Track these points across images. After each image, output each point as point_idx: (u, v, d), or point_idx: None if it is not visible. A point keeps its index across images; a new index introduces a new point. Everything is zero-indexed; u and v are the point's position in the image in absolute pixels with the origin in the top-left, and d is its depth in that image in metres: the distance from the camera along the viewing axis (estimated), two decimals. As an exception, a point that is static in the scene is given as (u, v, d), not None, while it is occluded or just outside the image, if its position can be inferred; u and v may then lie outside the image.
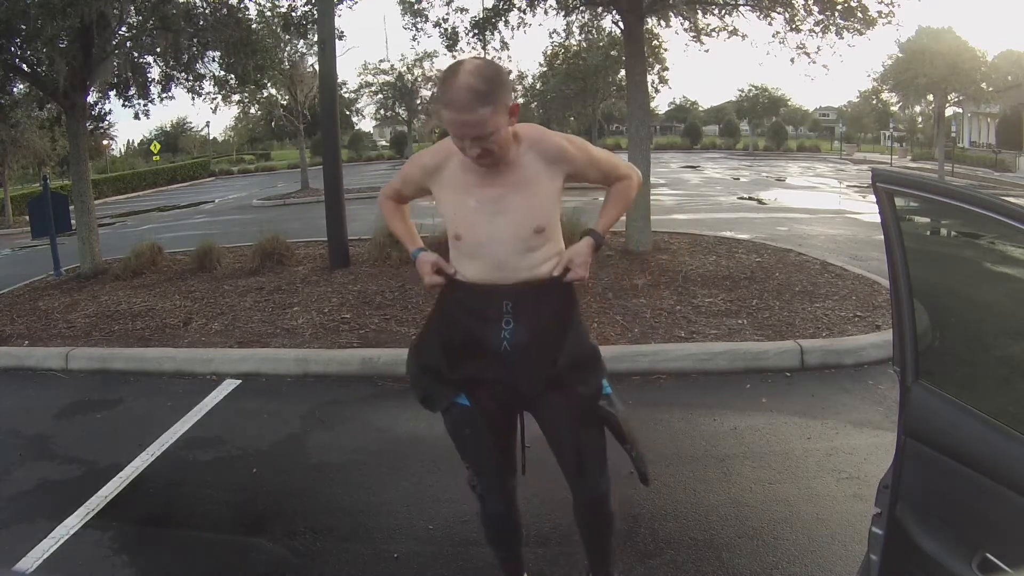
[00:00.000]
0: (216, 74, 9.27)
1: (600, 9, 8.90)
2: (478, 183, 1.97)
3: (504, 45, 8.91)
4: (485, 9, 8.67)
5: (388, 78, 34.30)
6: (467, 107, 1.79)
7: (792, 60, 8.37)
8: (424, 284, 2.09)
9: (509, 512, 2.23)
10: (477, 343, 2.03)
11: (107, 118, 10.31)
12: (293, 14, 8.75)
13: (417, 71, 33.62)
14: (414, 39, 9.05)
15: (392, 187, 2.26)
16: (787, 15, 7.90)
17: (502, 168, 1.94)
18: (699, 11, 8.62)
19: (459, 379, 2.07)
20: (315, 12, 8.15)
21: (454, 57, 9.00)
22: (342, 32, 9.93)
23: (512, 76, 28.02)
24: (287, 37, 12.07)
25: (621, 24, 7.97)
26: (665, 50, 17.30)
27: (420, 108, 35.49)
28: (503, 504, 2.20)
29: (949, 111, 28.20)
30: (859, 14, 7.50)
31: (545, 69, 22.43)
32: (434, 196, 2.09)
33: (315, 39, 9.02)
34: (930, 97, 26.17)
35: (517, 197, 1.96)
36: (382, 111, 36.93)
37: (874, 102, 37.67)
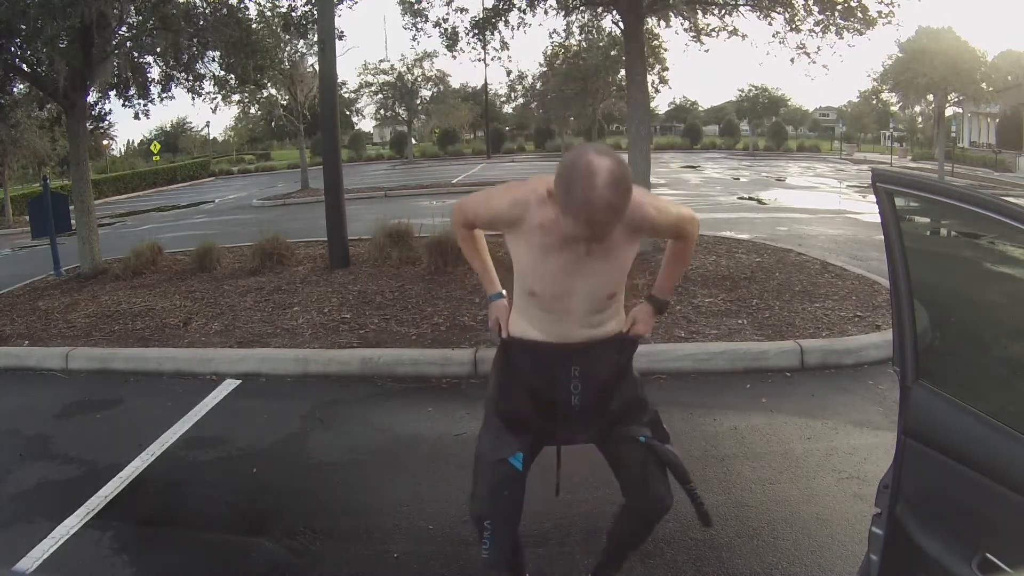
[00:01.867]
0: (216, 74, 9.27)
1: (600, 9, 8.89)
2: (559, 245, 1.90)
3: (504, 45, 8.90)
4: (485, 9, 8.67)
5: (388, 78, 34.34)
6: (608, 224, 1.73)
7: (792, 60, 8.36)
8: (492, 320, 2.19)
9: (510, 557, 2.23)
10: (546, 406, 2.09)
11: (107, 118, 10.31)
12: (293, 14, 8.74)
13: (417, 71, 33.69)
14: (414, 39, 9.03)
15: (464, 218, 2.16)
16: (787, 15, 7.89)
17: None
18: (699, 11, 8.61)
19: (525, 437, 2.08)
20: (315, 12, 8.15)
21: (454, 57, 9.00)
22: (342, 32, 9.92)
23: (512, 76, 28.06)
24: (287, 37, 12.03)
25: (621, 24, 7.96)
26: (665, 50, 17.30)
27: (420, 108, 35.53)
28: (509, 552, 2.18)
29: (949, 111, 28.17)
30: (859, 14, 7.49)
31: (545, 69, 22.42)
32: (507, 242, 2.03)
33: (315, 39, 9.02)
34: (930, 97, 26.15)
35: (597, 263, 1.94)
36: (382, 111, 36.97)
37: (874, 102, 37.69)
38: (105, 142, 39.26)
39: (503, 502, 2.03)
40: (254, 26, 8.70)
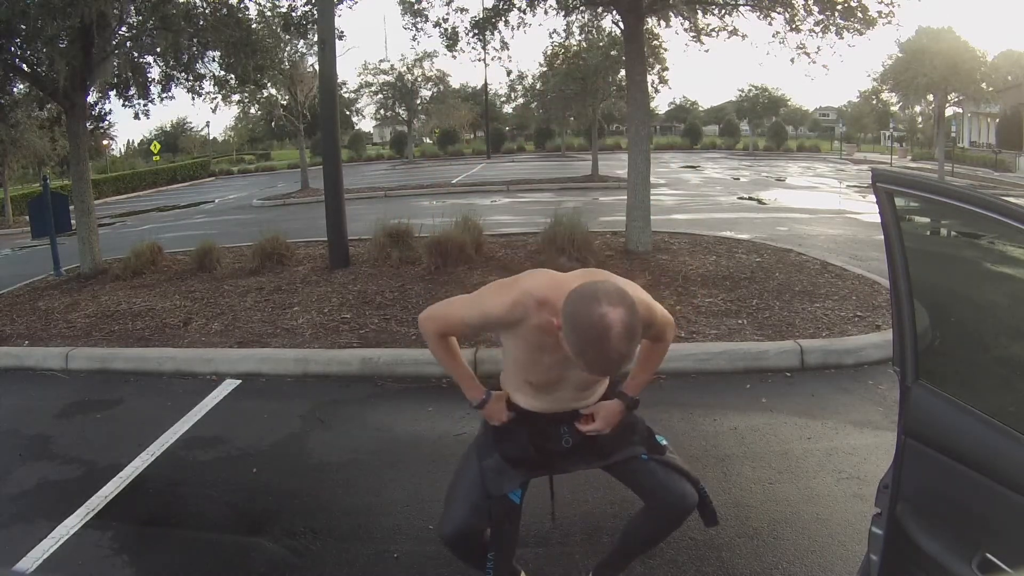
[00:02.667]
0: (216, 74, 9.26)
1: (600, 9, 8.90)
2: (554, 345, 1.86)
3: (504, 45, 8.92)
4: (485, 9, 8.68)
5: (388, 78, 34.33)
6: (617, 370, 1.74)
7: (792, 60, 8.38)
8: (493, 421, 2.15)
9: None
10: (541, 446, 2.16)
11: (107, 118, 10.29)
12: (293, 14, 8.74)
13: (417, 71, 33.68)
14: (414, 39, 9.05)
15: (442, 327, 2.08)
16: (787, 15, 7.90)
17: None
18: (699, 11, 8.61)
19: (519, 472, 2.14)
20: (315, 12, 8.15)
21: (454, 57, 9.01)
22: (342, 32, 9.94)
23: (512, 76, 28.00)
24: (287, 37, 12.04)
25: (621, 24, 7.97)
26: (665, 50, 17.25)
27: (420, 108, 35.52)
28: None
29: (949, 111, 28.15)
30: (859, 14, 7.49)
31: (545, 69, 22.39)
32: (501, 337, 2.07)
33: (315, 39, 9.02)
34: (930, 97, 26.14)
35: None
36: (382, 111, 36.96)
37: (874, 102, 37.62)
38: (105, 142, 39.23)
39: (505, 535, 2.14)
40: (254, 26, 8.70)
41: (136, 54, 8.70)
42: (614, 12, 8.17)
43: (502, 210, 14.44)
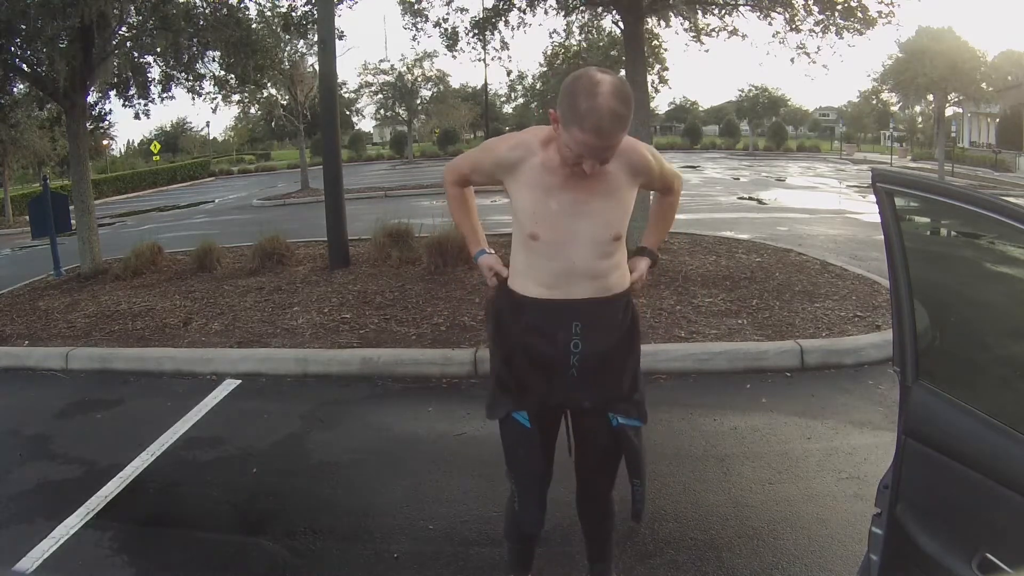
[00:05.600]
0: (216, 74, 9.29)
1: (600, 9, 8.90)
2: (561, 185, 1.89)
3: (504, 45, 8.93)
4: (485, 9, 8.69)
5: (388, 78, 34.39)
6: (612, 134, 1.74)
7: (792, 60, 8.39)
8: (487, 273, 2.14)
9: (540, 517, 2.19)
10: (544, 367, 2.02)
11: (107, 118, 10.33)
12: (293, 14, 8.76)
13: (417, 71, 33.73)
14: (414, 39, 9.06)
15: (458, 171, 2.16)
16: (787, 15, 7.90)
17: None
18: (699, 11, 8.61)
19: (523, 397, 2.06)
20: (315, 12, 8.15)
21: (454, 57, 9.01)
22: (342, 32, 9.95)
23: (512, 76, 28.04)
24: (287, 37, 12.06)
25: (621, 24, 7.97)
26: (665, 50, 17.32)
27: (420, 108, 35.54)
28: (538, 512, 2.16)
29: (949, 111, 28.19)
30: (859, 14, 7.49)
31: (545, 69, 22.39)
32: (508, 190, 2.00)
33: (315, 39, 9.03)
34: (930, 97, 26.16)
35: (600, 203, 1.92)
36: (382, 111, 37.00)
37: (874, 102, 37.64)
38: (105, 142, 39.27)
39: (519, 460, 2.10)
40: (254, 26, 8.72)
41: (136, 54, 8.71)
42: (614, 12, 8.17)
43: (502, 210, 14.43)
